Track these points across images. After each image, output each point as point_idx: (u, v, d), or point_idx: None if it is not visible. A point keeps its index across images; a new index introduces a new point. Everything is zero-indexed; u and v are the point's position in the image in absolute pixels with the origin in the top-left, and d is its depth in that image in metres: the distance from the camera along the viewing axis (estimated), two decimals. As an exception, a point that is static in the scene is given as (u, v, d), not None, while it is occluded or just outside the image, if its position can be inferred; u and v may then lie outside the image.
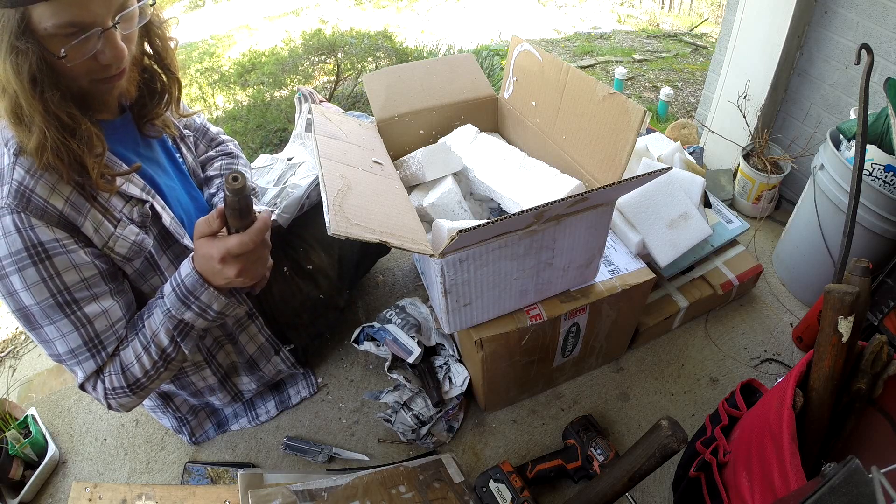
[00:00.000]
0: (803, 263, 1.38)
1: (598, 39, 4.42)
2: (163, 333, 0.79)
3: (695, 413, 1.19)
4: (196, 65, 4.15)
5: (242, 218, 0.71)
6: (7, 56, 0.63)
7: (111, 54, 0.70)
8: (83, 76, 0.71)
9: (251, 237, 0.71)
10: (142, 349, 0.80)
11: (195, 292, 0.77)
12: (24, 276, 0.71)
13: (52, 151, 0.69)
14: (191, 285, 0.76)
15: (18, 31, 0.62)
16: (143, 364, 0.80)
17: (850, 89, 1.43)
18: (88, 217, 0.76)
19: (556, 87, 1.05)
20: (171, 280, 0.79)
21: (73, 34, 0.65)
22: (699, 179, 1.26)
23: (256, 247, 0.72)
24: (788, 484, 0.62)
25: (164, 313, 0.79)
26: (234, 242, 0.71)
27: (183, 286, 0.77)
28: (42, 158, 0.69)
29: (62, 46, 0.65)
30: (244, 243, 0.71)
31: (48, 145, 0.69)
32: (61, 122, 0.69)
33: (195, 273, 0.76)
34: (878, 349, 0.75)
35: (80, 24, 0.65)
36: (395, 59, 3.27)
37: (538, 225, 0.83)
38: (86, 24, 0.65)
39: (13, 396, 1.38)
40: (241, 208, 0.69)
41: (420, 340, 1.16)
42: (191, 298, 0.77)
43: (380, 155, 1.08)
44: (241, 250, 0.71)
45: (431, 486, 0.96)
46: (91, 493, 1.01)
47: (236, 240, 0.71)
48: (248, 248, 0.71)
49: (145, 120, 0.90)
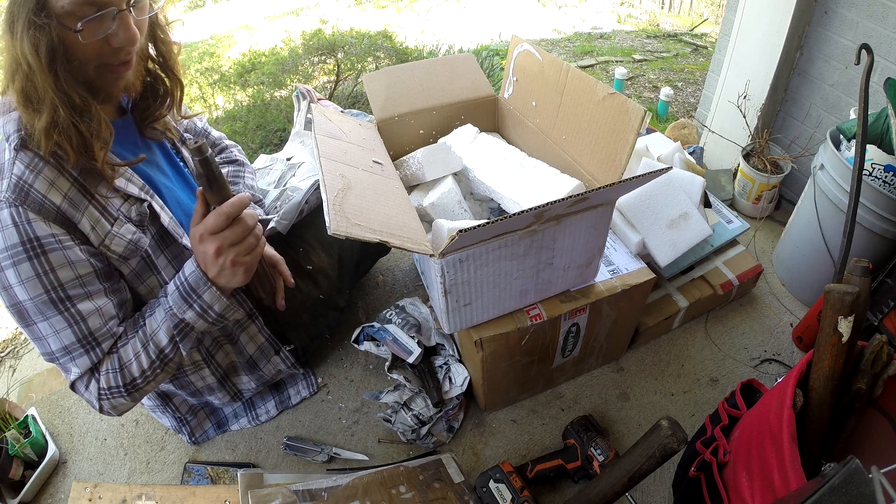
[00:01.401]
0: (803, 263, 1.38)
1: (598, 39, 4.42)
2: (162, 332, 0.80)
3: (695, 413, 1.19)
4: (196, 65, 4.15)
5: (215, 190, 0.72)
6: (25, 31, 0.65)
7: (124, 36, 0.71)
8: (93, 59, 0.72)
9: (225, 209, 0.72)
10: (140, 347, 0.80)
11: (198, 290, 0.77)
12: (19, 270, 0.72)
13: (62, 132, 0.70)
14: (194, 282, 0.77)
15: (36, 8, 0.64)
16: (141, 363, 0.80)
17: (850, 89, 1.43)
18: (86, 214, 0.76)
19: (556, 87, 1.05)
20: (174, 279, 0.80)
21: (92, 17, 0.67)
22: (699, 179, 1.26)
23: (234, 223, 0.74)
24: (788, 484, 0.62)
25: (166, 311, 0.79)
26: (210, 218, 0.72)
27: (186, 283, 0.78)
28: (50, 141, 0.70)
29: (78, 22, 0.67)
30: (219, 214, 0.72)
31: (59, 124, 0.70)
32: (72, 102, 0.70)
33: (198, 270, 0.77)
34: (878, 349, 0.75)
35: (97, 3, 0.67)
36: (395, 59, 3.27)
37: (538, 225, 0.83)
38: (102, 2, 0.67)
39: (13, 396, 1.38)
40: (208, 175, 0.70)
41: (420, 340, 1.16)
42: (193, 296, 0.78)
43: (380, 155, 1.08)
44: (217, 224, 0.72)
45: (431, 486, 0.96)
46: (91, 493, 1.01)
47: (212, 215, 0.72)
48: (222, 220, 0.72)
49: (147, 122, 0.90)
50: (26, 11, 0.64)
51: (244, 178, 1.14)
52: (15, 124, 0.72)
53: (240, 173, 1.14)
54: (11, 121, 0.72)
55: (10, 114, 0.73)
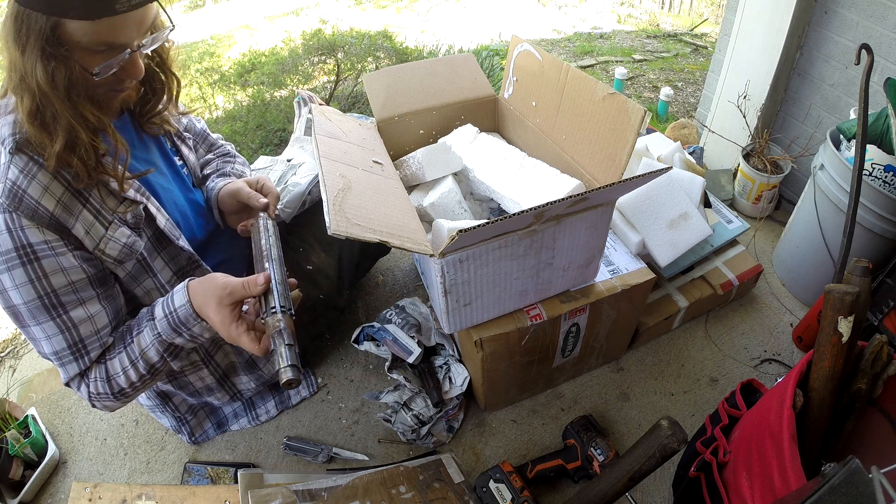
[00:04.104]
0: (803, 263, 1.38)
1: (598, 39, 4.42)
2: (152, 352, 0.79)
3: (695, 413, 1.19)
4: (196, 65, 4.15)
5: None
6: (39, 58, 0.65)
7: (132, 72, 0.75)
8: (100, 87, 0.74)
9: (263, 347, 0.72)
10: (129, 363, 0.80)
11: (187, 324, 0.77)
12: (13, 275, 0.72)
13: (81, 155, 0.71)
14: (183, 317, 0.76)
15: (52, 38, 0.65)
16: (130, 377, 0.80)
17: (850, 89, 1.43)
18: (80, 219, 0.76)
19: (556, 87, 1.05)
20: (162, 305, 0.78)
21: (104, 52, 0.69)
22: (699, 179, 1.26)
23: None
24: (788, 484, 0.62)
25: (155, 336, 0.78)
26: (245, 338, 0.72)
27: (175, 316, 0.77)
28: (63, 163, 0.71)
29: (91, 60, 0.69)
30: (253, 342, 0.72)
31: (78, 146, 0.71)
32: (89, 124, 0.72)
33: (189, 306, 0.76)
34: (878, 349, 0.75)
35: (113, 45, 0.69)
36: (395, 59, 3.27)
37: (538, 225, 0.83)
38: (118, 44, 0.70)
39: (13, 396, 1.38)
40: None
41: (420, 340, 1.16)
42: (182, 329, 0.77)
43: (380, 155, 1.08)
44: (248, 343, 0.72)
45: (431, 486, 0.96)
46: (91, 493, 1.01)
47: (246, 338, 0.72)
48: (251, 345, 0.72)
49: (146, 118, 0.90)
50: (41, 39, 0.64)
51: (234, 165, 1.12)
52: (10, 127, 0.72)
53: (229, 162, 1.13)
54: (7, 124, 0.72)
55: (6, 116, 0.73)
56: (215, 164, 1.10)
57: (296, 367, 0.64)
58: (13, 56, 0.67)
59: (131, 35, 0.70)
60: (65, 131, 0.70)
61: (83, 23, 0.65)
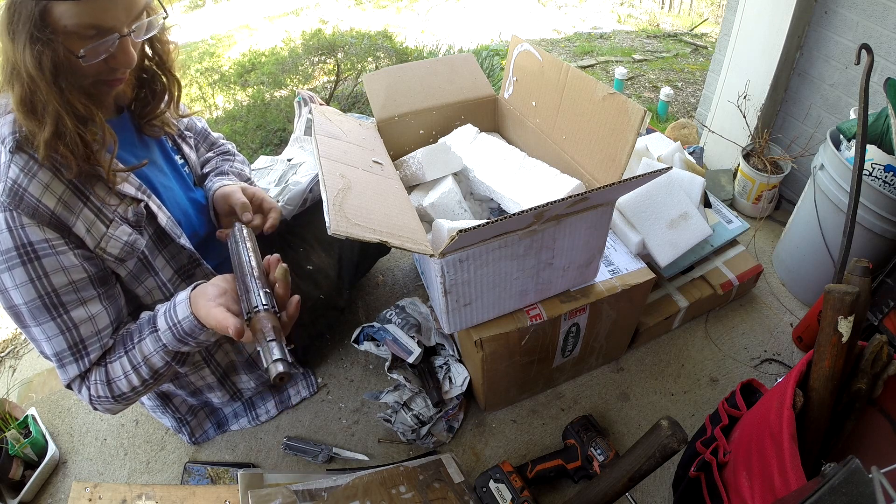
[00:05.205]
0: (803, 263, 1.38)
1: (598, 39, 4.42)
2: (156, 358, 0.79)
3: (695, 413, 1.19)
4: (196, 65, 4.15)
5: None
6: (27, 43, 0.65)
7: (122, 59, 0.73)
8: (90, 76, 0.73)
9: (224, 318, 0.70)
10: (131, 368, 0.79)
11: (193, 334, 0.76)
12: (13, 274, 0.72)
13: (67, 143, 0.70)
14: (188, 329, 0.76)
15: (40, 23, 0.64)
16: (132, 381, 0.80)
17: (850, 89, 1.43)
18: (81, 217, 0.75)
19: (556, 87, 1.05)
20: (165, 316, 0.77)
21: (92, 36, 0.68)
22: (699, 179, 1.26)
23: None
24: (788, 484, 0.62)
25: (161, 347, 0.78)
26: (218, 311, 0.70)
27: (180, 328, 0.76)
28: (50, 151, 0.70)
29: (79, 45, 0.68)
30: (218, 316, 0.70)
31: (65, 135, 0.70)
32: (76, 112, 0.71)
33: (192, 318, 0.75)
34: (878, 349, 0.75)
35: (100, 28, 0.68)
36: (395, 59, 3.27)
37: (538, 225, 0.83)
38: (105, 28, 0.68)
39: (13, 396, 1.38)
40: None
41: (420, 340, 1.16)
42: (188, 339, 0.77)
43: (380, 155, 1.08)
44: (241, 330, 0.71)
45: (431, 486, 0.96)
46: (91, 493, 1.01)
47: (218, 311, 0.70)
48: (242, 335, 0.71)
49: (146, 119, 0.90)
50: (29, 24, 0.64)
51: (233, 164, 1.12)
52: (10, 126, 0.72)
53: (228, 160, 1.12)
54: (7, 123, 0.72)
55: (5, 116, 0.73)
56: (214, 161, 1.10)
57: (284, 360, 0.63)
58: (6, 46, 0.67)
59: (120, 19, 0.68)
60: (52, 118, 0.69)
61: (69, 4, 0.64)
